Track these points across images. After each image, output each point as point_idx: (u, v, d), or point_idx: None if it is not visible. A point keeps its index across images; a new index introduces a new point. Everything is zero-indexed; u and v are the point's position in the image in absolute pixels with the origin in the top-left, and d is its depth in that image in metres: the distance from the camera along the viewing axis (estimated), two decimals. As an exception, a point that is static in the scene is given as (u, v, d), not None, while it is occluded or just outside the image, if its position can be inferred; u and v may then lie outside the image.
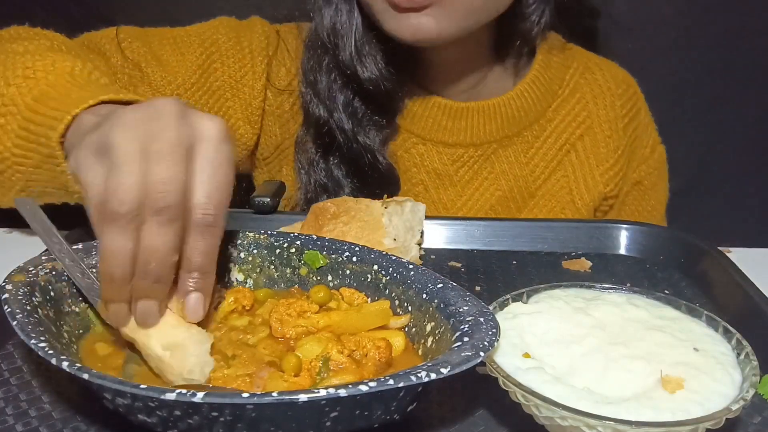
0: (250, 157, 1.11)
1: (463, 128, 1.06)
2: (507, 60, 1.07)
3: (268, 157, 1.10)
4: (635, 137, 1.13)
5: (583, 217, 1.09)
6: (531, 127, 1.08)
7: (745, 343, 0.56)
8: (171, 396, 0.46)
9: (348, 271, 0.69)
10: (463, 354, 0.51)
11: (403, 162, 1.07)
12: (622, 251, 0.89)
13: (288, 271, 0.71)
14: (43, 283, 0.61)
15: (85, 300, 0.63)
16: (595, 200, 1.09)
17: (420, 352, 0.61)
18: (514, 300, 0.63)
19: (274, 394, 0.46)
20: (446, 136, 1.06)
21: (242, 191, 1.11)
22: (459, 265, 0.85)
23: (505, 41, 1.04)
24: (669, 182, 1.20)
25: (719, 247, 0.84)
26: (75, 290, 0.63)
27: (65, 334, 0.60)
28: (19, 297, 0.58)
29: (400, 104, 1.05)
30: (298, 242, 0.71)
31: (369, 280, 0.67)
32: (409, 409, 0.53)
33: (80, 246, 0.67)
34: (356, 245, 0.70)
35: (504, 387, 0.53)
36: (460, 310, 0.58)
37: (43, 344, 0.52)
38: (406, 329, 0.63)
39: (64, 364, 0.50)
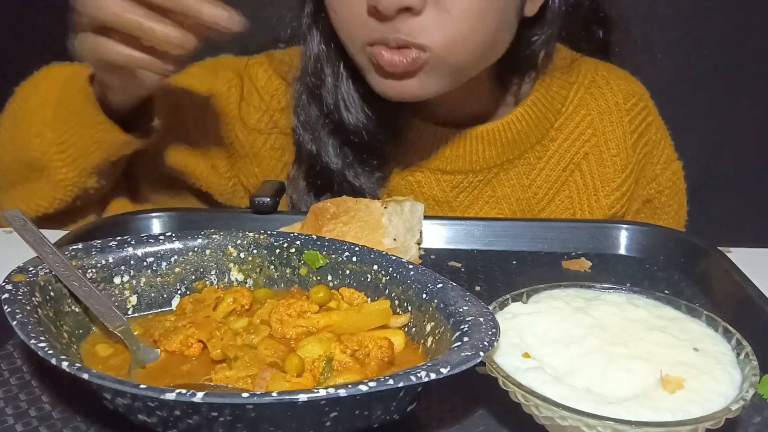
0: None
1: (462, 155, 1.03)
2: (509, 84, 1.03)
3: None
4: (645, 153, 1.08)
5: None
6: (533, 149, 1.04)
7: (745, 343, 0.56)
8: (171, 396, 0.46)
9: (348, 271, 0.69)
10: (462, 354, 0.51)
11: (400, 189, 1.05)
12: (622, 251, 0.89)
13: (288, 271, 0.71)
14: (43, 283, 0.61)
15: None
16: None
17: (420, 352, 0.61)
18: (514, 300, 0.63)
19: (274, 394, 0.46)
20: (444, 163, 1.03)
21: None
22: (459, 265, 0.85)
23: (508, 71, 1.00)
24: None
25: (719, 247, 0.84)
26: (75, 290, 0.63)
27: (65, 334, 0.60)
28: (19, 297, 0.58)
29: (391, 144, 1.03)
30: (298, 242, 0.71)
31: (369, 280, 0.67)
32: (408, 409, 0.53)
33: (80, 246, 0.68)
34: (356, 245, 0.70)
35: (504, 387, 0.53)
36: (460, 310, 0.58)
37: (43, 344, 0.52)
38: (406, 329, 0.63)
39: (64, 364, 0.50)
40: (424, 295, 0.62)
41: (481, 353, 0.51)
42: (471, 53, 0.89)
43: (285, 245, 0.71)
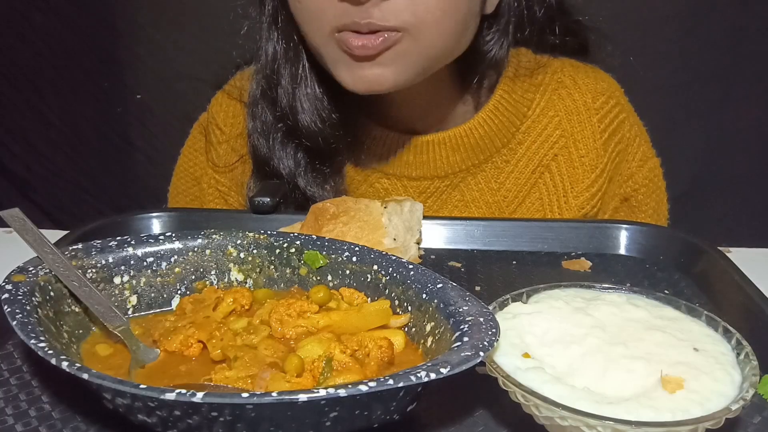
0: None
1: (426, 161, 1.03)
2: (469, 88, 1.02)
3: None
4: (618, 151, 1.07)
5: None
6: (500, 152, 1.04)
7: (744, 343, 0.56)
8: (171, 396, 0.46)
9: (348, 271, 0.69)
10: (462, 354, 0.51)
11: (368, 196, 1.04)
12: (622, 251, 0.89)
13: (288, 271, 0.71)
14: (43, 283, 0.61)
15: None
16: None
17: (420, 352, 0.61)
18: (514, 300, 0.63)
19: (274, 394, 0.46)
20: (409, 170, 1.04)
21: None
22: (459, 265, 0.85)
23: (466, 71, 0.99)
24: (669, 184, 1.14)
25: (719, 247, 0.84)
26: (75, 290, 0.63)
27: (65, 334, 0.60)
28: (19, 297, 0.58)
29: (346, 150, 1.03)
30: (298, 242, 0.71)
31: (369, 280, 0.67)
32: (408, 409, 0.53)
33: (80, 246, 0.68)
34: (356, 245, 0.70)
35: (504, 387, 0.53)
36: (460, 310, 0.58)
37: (43, 344, 0.52)
38: (406, 329, 0.63)
39: (64, 364, 0.50)
40: (424, 295, 0.62)
41: (481, 353, 0.51)
42: (442, 36, 0.88)
43: (285, 245, 0.71)
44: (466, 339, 0.53)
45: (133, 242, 0.69)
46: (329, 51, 0.88)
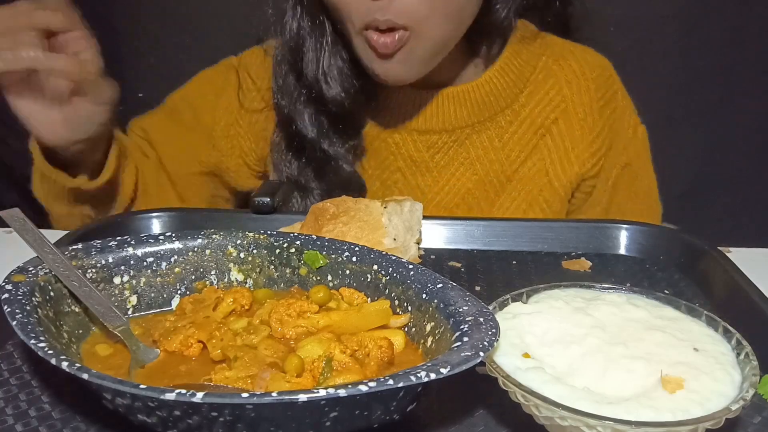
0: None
1: (435, 115, 1.09)
2: (478, 49, 1.10)
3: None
4: (614, 119, 1.13)
5: (560, 197, 1.10)
6: (504, 112, 1.10)
7: (745, 343, 0.56)
8: (171, 396, 0.46)
9: (348, 271, 0.69)
10: (462, 354, 0.51)
11: (381, 151, 1.10)
12: (622, 251, 0.89)
13: (288, 271, 0.71)
14: (42, 283, 0.61)
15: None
16: (572, 181, 1.11)
17: (420, 352, 0.61)
18: (514, 300, 0.63)
19: (274, 394, 0.46)
20: (419, 123, 1.09)
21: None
22: (459, 265, 0.85)
23: (476, 34, 1.06)
24: (669, 184, 1.19)
25: (719, 247, 0.84)
26: (75, 290, 0.63)
27: (65, 334, 0.60)
28: (19, 297, 0.58)
29: (368, 107, 1.09)
30: (298, 242, 0.71)
31: (369, 280, 0.67)
32: (408, 409, 0.53)
33: (80, 246, 0.68)
34: (356, 245, 0.70)
35: (504, 387, 0.53)
36: (460, 310, 0.58)
37: (42, 344, 0.52)
38: (406, 329, 0.63)
39: (64, 364, 0.50)
40: (424, 295, 0.62)
41: (481, 353, 0.51)
42: (438, 29, 0.96)
43: (285, 245, 0.71)
44: (466, 339, 0.53)
45: (133, 242, 0.69)
46: (358, 43, 0.98)
